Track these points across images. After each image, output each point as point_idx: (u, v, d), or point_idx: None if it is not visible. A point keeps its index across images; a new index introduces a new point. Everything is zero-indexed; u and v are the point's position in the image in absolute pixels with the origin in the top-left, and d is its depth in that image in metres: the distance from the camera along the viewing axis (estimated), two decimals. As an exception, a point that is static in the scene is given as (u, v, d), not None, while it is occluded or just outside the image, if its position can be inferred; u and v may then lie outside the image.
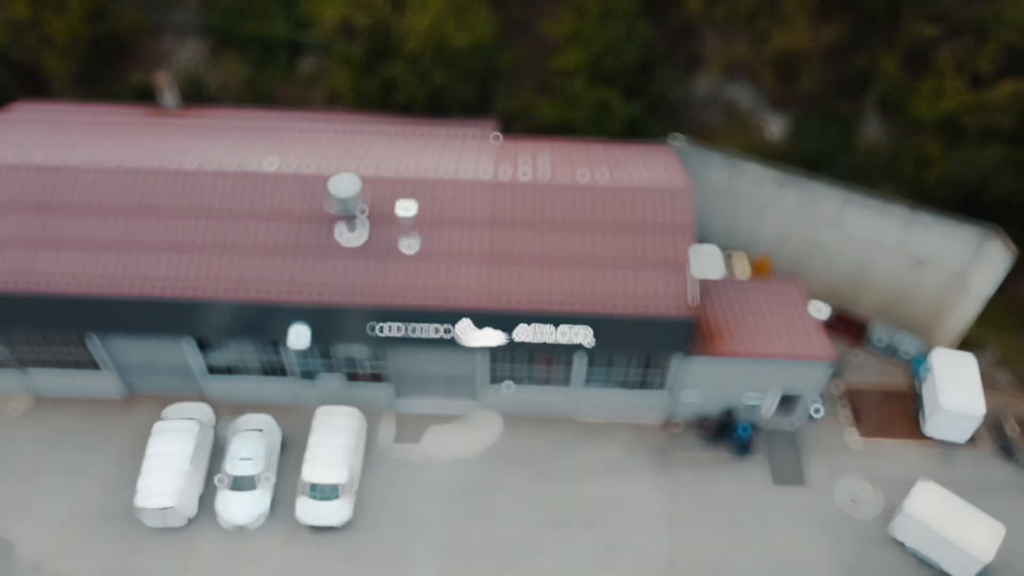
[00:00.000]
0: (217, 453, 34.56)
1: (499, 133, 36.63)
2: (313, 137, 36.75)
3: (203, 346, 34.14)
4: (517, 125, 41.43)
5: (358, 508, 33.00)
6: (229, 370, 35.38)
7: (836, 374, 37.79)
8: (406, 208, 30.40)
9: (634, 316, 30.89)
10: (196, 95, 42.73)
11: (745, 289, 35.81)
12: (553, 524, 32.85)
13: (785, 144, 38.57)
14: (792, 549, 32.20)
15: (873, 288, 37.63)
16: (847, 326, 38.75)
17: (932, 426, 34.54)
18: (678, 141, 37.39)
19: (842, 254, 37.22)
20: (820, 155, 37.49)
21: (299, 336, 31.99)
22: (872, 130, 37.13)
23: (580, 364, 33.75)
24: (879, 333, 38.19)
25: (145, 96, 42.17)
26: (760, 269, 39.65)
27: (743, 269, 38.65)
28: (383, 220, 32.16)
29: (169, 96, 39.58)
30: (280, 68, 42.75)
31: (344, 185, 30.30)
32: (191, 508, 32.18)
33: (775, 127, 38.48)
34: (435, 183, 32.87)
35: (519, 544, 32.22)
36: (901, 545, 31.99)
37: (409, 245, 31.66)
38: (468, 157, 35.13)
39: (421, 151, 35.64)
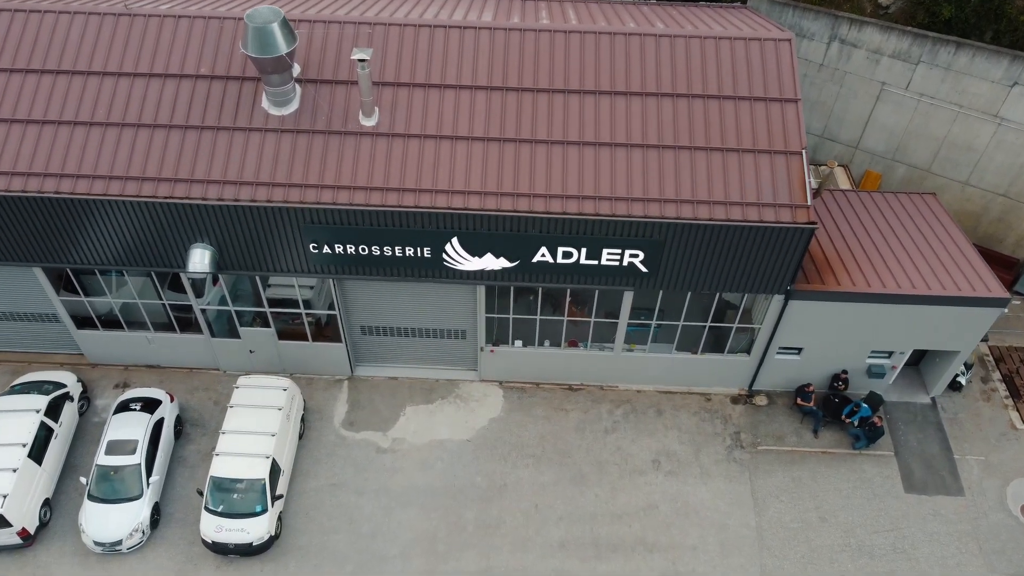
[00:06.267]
0: (87, 440, 23.53)
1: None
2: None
3: (69, 281, 23.06)
4: None
5: (291, 521, 21.91)
6: (110, 320, 24.30)
7: (981, 332, 26.81)
8: (363, 57, 19.30)
9: (719, 223, 19.77)
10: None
11: (866, 204, 24.81)
12: (587, 549, 21.73)
13: (904, 12, 27.53)
14: (951, 587, 21.16)
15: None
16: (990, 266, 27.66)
17: None
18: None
19: (993, 162, 26.11)
20: (955, 24, 26.48)
21: (202, 259, 20.97)
22: (1035, -15, 26.14)
23: (627, 306, 22.65)
24: (1041, 275, 27.25)
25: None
26: (867, 189, 28.67)
27: (844, 188, 27.63)
28: (331, 79, 21.12)
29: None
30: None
31: (267, 14, 19.24)
32: (33, 519, 21.04)
33: (891, -12, 27.49)
34: (407, 27, 21.75)
35: (535, 579, 21.16)
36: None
37: (369, 114, 20.55)
38: (460, 7, 24.07)
39: (392, 2, 24.59)
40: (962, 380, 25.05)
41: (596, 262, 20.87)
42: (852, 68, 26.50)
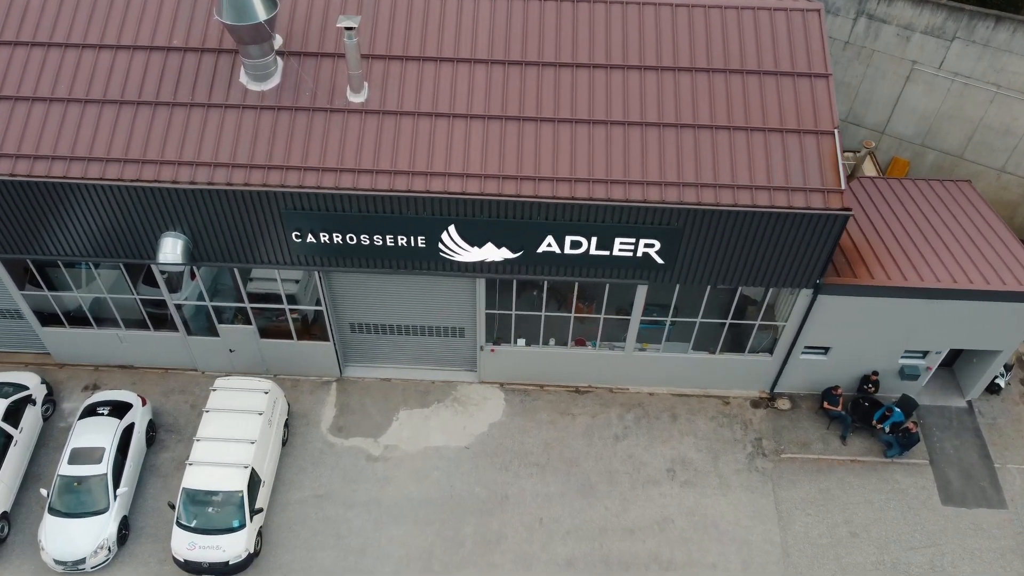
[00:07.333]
0: (51, 447, 21.65)
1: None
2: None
3: (31, 274, 21.17)
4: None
5: (273, 536, 20.04)
6: (78, 317, 22.42)
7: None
8: (350, 25, 17.43)
9: (743, 210, 17.90)
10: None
11: (897, 192, 22.97)
12: (596, 566, 19.89)
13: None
14: (996, 610, 19.32)
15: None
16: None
17: None
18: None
19: (1032, 146, 24.37)
20: (992, -1, 24.74)
21: (174, 248, 19.08)
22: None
23: (640, 302, 20.79)
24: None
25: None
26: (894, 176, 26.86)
27: (870, 176, 25.78)
28: (316, 51, 19.22)
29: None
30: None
31: (242, -23, 17.37)
32: (-11, 538, 19.27)
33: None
34: (401, -6, 19.91)
35: (540, 600, 19.29)
36: None
37: (357, 90, 18.67)
38: (458, -23, 22.22)
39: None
40: (1001, 382, 23.23)
41: (607, 253, 18.99)
42: (880, 46, 24.66)
